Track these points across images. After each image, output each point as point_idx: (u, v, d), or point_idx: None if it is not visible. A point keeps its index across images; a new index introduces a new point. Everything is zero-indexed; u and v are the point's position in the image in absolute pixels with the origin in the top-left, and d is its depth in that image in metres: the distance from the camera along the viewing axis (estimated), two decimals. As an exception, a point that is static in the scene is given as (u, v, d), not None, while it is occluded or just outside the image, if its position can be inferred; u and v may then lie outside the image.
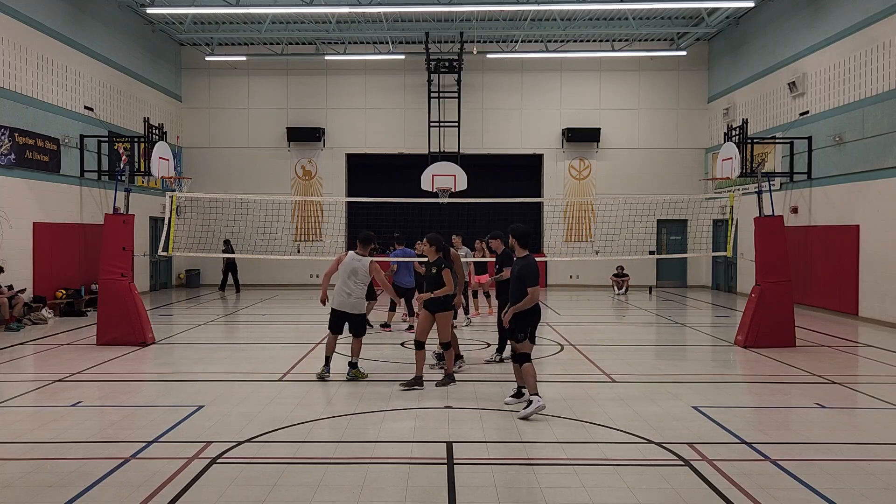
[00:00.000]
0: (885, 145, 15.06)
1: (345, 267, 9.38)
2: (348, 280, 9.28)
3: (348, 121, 25.06)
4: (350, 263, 9.34)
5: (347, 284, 9.28)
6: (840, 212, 16.74)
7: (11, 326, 13.96)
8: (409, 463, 5.93)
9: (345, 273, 9.33)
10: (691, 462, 6.06)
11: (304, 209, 24.79)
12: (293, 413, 7.61)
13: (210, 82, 25.11)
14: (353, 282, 9.27)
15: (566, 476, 5.74)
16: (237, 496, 5.30)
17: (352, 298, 9.30)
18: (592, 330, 14.72)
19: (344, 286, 9.30)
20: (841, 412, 7.99)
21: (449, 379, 9.01)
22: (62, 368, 10.15)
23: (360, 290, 9.31)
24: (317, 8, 20.04)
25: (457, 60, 23.89)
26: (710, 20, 21.63)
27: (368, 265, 9.31)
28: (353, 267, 9.29)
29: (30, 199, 15.89)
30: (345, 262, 9.43)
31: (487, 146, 24.93)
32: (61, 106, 17.35)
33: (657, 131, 25.03)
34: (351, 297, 9.30)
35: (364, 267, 9.30)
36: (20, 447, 6.42)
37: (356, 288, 9.29)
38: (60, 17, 17.40)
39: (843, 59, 16.78)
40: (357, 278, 9.27)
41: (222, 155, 25.00)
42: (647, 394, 8.66)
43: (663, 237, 24.79)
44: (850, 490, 5.47)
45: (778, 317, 12.07)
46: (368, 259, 9.39)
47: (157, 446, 6.47)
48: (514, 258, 8.68)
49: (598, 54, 24.42)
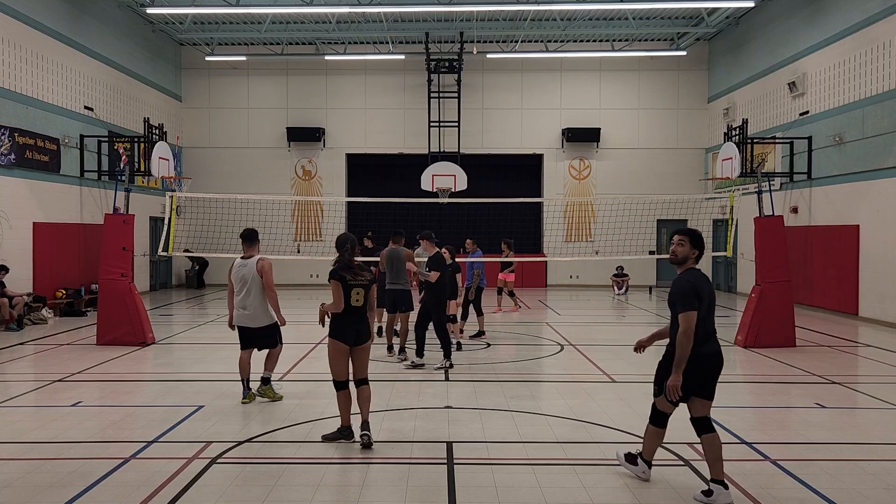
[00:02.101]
0: (885, 145, 15.06)
1: (234, 279, 8.03)
2: (242, 291, 7.96)
3: (348, 121, 25.06)
4: (237, 272, 8.02)
5: (242, 295, 7.96)
6: (840, 212, 16.74)
7: (11, 326, 13.96)
8: (409, 463, 5.93)
9: (237, 284, 8.01)
10: (691, 462, 6.06)
11: (304, 209, 24.78)
12: (293, 413, 7.61)
13: (210, 82, 25.10)
14: (245, 291, 7.93)
15: (566, 476, 5.74)
16: (237, 496, 5.30)
17: (248, 311, 7.96)
18: (592, 330, 14.72)
19: (240, 300, 7.98)
20: (841, 412, 7.99)
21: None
22: (62, 368, 10.15)
23: (256, 300, 7.95)
24: (317, 8, 20.04)
25: (457, 60, 23.89)
26: (710, 20, 21.62)
27: (256, 266, 7.97)
28: (241, 275, 7.97)
29: (30, 199, 15.89)
30: (233, 273, 8.06)
31: (487, 146, 24.93)
32: (61, 106, 17.35)
33: (657, 131, 25.03)
34: (247, 309, 7.96)
35: (251, 271, 7.95)
36: (20, 447, 6.42)
37: (252, 297, 7.93)
38: (60, 17, 17.40)
39: (843, 59, 16.78)
40: (249, 286, 7.92)
41: (222, 155, 24.99)
42: (647, 394, 8.61)
43: (663, 237, 24.77)
44: (850, 490, 5.47)
45: (778, 317, 12.07)
46: (255, 258, 8.05)
47: (157, 446, 6.47)
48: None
49: (597, 54, 24.42)
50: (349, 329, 6.54)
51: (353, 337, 6.56)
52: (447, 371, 9.89)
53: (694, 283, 5.25)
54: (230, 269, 8.11)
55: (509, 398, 8.34)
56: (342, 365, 6.56)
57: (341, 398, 6.60)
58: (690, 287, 5.25)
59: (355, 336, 6.57)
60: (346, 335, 6.53)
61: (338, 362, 6.55)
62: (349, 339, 6.55)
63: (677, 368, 5.17)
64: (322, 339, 12.99)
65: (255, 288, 7.95)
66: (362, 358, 6.67)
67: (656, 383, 5.51)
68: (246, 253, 8.11)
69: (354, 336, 6.57)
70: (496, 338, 13.05)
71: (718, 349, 5.33)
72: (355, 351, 6.60)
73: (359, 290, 6.54)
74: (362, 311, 6.62)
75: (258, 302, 7.98)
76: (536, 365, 10.79)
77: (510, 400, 8.26)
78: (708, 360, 5.25)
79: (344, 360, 6.57)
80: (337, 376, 6.56)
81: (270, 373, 8.22)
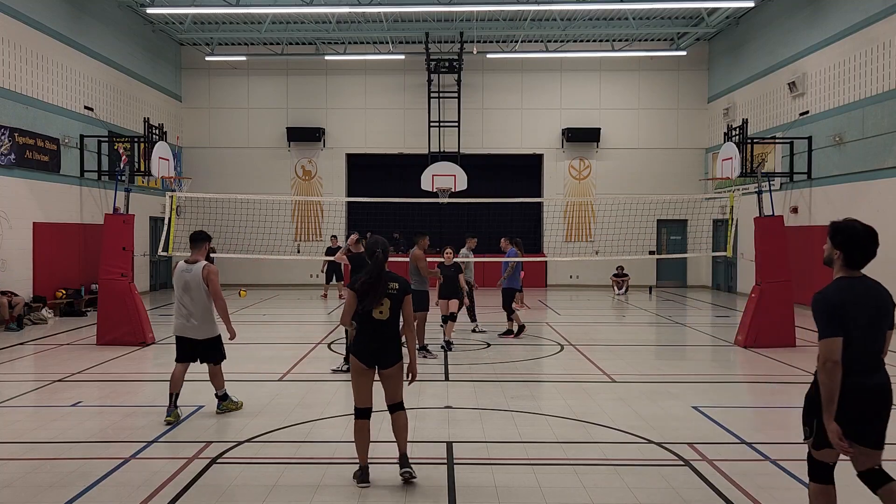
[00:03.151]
0: (885, 145, 15.05)
1: (176, 283, 7.38)
2: (183, 297, 7.30)
3: (348, 121, 25.06)
4: (180, 277, 7.34)
5: (184, 303, 7.30)
6: (840, 212, 16.68)
7: (11, 326, 13.96)
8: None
9: (179, 290, 7.35)
10: (691, 462, 6.06)
11: (304, 209, 24.79)
12: (293, 413, 7.61)
13: (210, 82, 25.11)
14: (189, 298, 7.28)
15: (566, 476, 5.74)
16: (237, 496, 5.30)
17: (193, 320, 7.30)
18: (592, 330, 14.72)
19: (180, 306, 7.34)
20: (841, 412, 7.97)
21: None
22: (62, 368, 10.15)
23: (201, 309, 7.29)
24: (317, 8, 20.04)
25: (457, 60, 23.89)
26: (710, 20, 21.62)
27: (202, 273, 7.27)
28: (184, 280, 7.29)
29: (30, 199, 15.89)
30: (174, 277, 7.45)
31: (487, 146, 24.93)
32: (61, 106, 17.35)
33: (657, 131, 25.03)
34: (192, 318, 7.29)
35: (195, 278, 7.27)
36: (20, 447, 6.42)
37: (196, 306, 7.27)
38: (60, 17, 17.40)
39: (843, 59, 16.78)
40: (193, 293, 7.27)
41: (222, 155, 24.99)
42: (647, 394, 8.66)
43: (663, 237, 24.79)
44: (850, 490, 5.46)
45: (778, 317, 12.07)
46: (202, 264, 7.33)
47: (157, 446, 6.47)
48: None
49: (598, 54, 24.42)
50: (369, 347, 5.53)
51: (374, 356, 5.53)
52: (447, 371, 9.89)
53: (834, 299, 3.99)
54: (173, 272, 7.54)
55: (509, 398, 8.34)
56: (362, 389, 5.56)
57: (356, 430, 5.58)
58: (827, 305, 3.97)
59: (377, 355, 5.53)
60: (366, 354, 5.53)
61: (357, 384, 5.58)
62: (369, 359, 5.53)
63: (827, 411, 3.86)
64: (322, 338, 13.01)
65: (200, 295, 7.26)
66: (391, 383, 5.62)
67: (805, 422, 4.11)
68: (191, 256, 7.42)
69: (375, 355, 5.53)
70: (496, 338, 13.04)
71: (884, 381, 3.96)
72: (382, 375, 5.60)
73: (382, 301, 5.51)
74: (388, 327, 5.54)
75: (203, 311, 7.29)
76: (536, 365, 10.79)
77: (510, 400, 8.26)
78: (866, 395, 3.93)
79: (364, 383, 5.56)
80: (356, 401, 5.61)
81: (223, 388, 7.58)
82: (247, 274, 23.97)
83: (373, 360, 5.54)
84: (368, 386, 5.58)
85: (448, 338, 11.59)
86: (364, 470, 5.55)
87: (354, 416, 5.59)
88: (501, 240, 13.89)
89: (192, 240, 7.53)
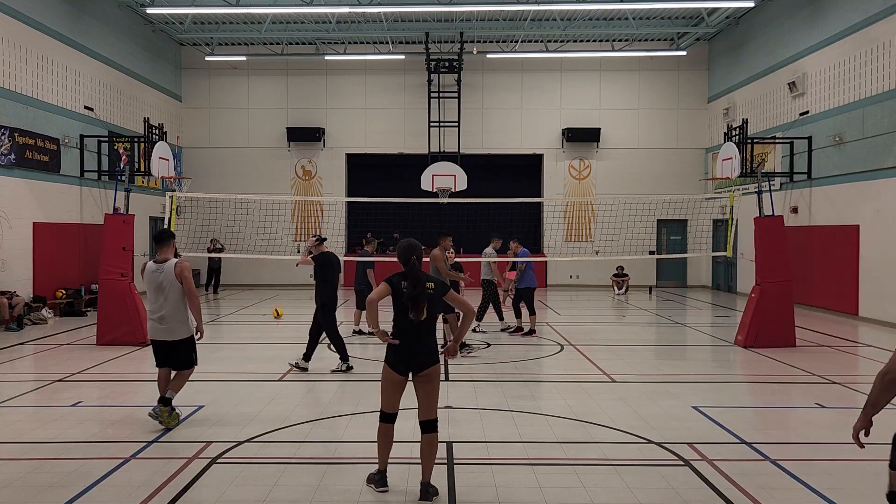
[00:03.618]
0: (885, 145, 15.06)
1: (147, 284, 7.09)
2: (156, 298, 7.04)
3: (348, 121, 25.06)
4: (151, 277, 7.05)
5: (157, 304, 7.03)
6: (840, 212, 16.74)
7: (11, 326, 13.96)
8: (409, 463, 5.93)
9: (151, 291, 7.08)
10: (691, 462, 6.06)
11: (304, 209, 24.79)
12: (293, 413, 7.61)
13: (210, 82, 25.11)
14: (163, 299, 7.01)
15: (566, 476, 5.74)
16: (237, 496, 5.30)
17: (165, 323, 7.02)
18: (592, 330, 14.72)
19: (154, 309, 7.06)
20: (841, 412, 7.98)
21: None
22: (62, 368, 10.15)
23: (174, 309, 7.02)
24: (317, 8, 20.04)
25: (457, 60, 23.89)
26: (710, 20, 21.62)
27: (175, 270, 7.02)
28: (156, 281, 7.02)
29: (30, 199, 15.89)
30: (145, 278, 7.13)
31: (487, 146, 24.93)
32: (61, 106, 17.35)
33: (657, 131, 25.03)
34: (163, 321, 7.02)
35: (168, 276, 7.00)
36: (20, 447, 6.42)
37: (169, 306, 7.00)
38: (60, 17, 17.40)
39: (843, 59, 16.78)
40: (166, 292, 7.00)
41: (222, 155, 25.00)
42: (647, 394, 8.66)
43: (663, 237, 24.79)
44: (850, 490, 5.47)
45: (778, 317, 12.07)
46: (172, 261, 7.09)
47: (157, 446, 6.47)
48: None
49: (598, 54, 24.42)
50: (404, 353, 5.23)
51: (408, 363, 5.24)
52: (447, 371, 9.89)
53: None
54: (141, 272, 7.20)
55: (509, 398, 8.34)
56: (391, 397, 5.33)
57: (380, 433, 5.40)
58: None
59: (411, 361, 5.23)
60: (399, 361, 5.24)
61: (386, 392, 5.34)
62: (403, 367, 5.24)
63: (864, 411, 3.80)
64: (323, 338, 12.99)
65: (174, 295, 7.01)
66: (427, 390, 5.26)
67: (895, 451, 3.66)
68: (159, 255, 7.13)
69: (409, 361, 5.23)
70: (496, 338, 13.05)
71: None
72: (417, 380, 5.27)
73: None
74: (424, 329, 5.25)
75: (177, 311, 7.03)
76: (536, 365, 10.79)
77: (510, 400, 8.26)
78: None
79: (394, 392, 5.32)
80: (383, 405, 5.39)
81: (174, 394, 7.15)
82: (247, 274, 23.97)
83: (406, 368, 5.24)
84: (398, 395, 5.34)
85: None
86: (382, 474, 5.41)
87: (380, 418, 5.42)
88: (511, 242, 13.81)
89: (159, 239, 7.22)
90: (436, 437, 5.28)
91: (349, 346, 10.65)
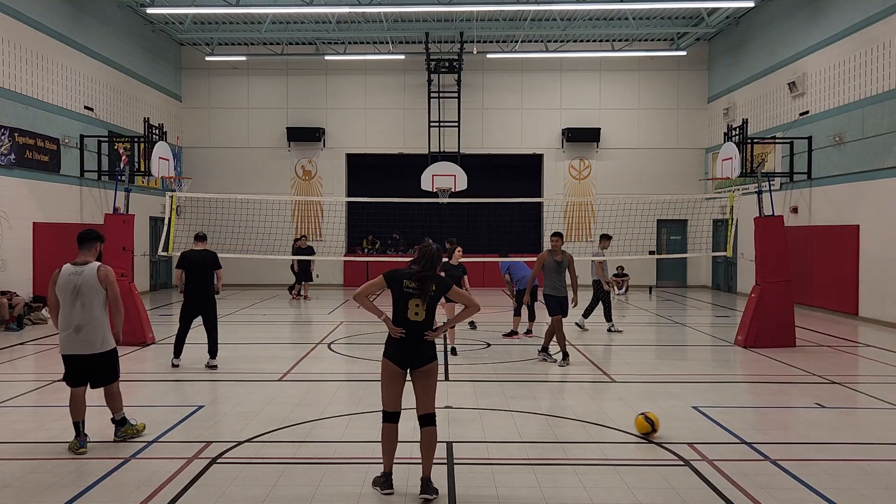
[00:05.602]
0: (885, 145, 15.06)
1: (63, 289, 6.31)
2: (73, 305, 6.27)
3: (348, 121, 25.06)
4: (68, 281, 6.29)
5: (73, 312, 6.26)
6: (840, 212, 16.74)
7: (11, 326, 13.96)
8: (409, 463, 5.93)
9: (66, 296, 6.29)
10: (691, 462, 6.06)
11: (304, 209, 24.78)
12: (293, 413, 7.61)
13: (210, 82, 25.11)
14: (80, 305, 6.26)
15: (566, 476, 5.74)
16: (237, 496, 5.30)
17: (83, 333, 6.28)
18: (592, 330, 14.71)
19: (69, 318, 6.28)
20: (841, 412, 7.98)
21: None
22: (62, 368, 10.08)
23: (93, 318, 6.31)
24: (317, 8, 20.04)
25: (457, 60, 23.89)
26: (710, 20, 21.63)
27: (98, 275, 6.34)
28: (72, 285, 6.27)
29: (30, 199, 15.89)
30: (59, 282, 6.34)
31: (487, 146, 24.93)
32: (61, 106, 17.35)
33: (657, 131, 25.03)
34: (81, 331, 6.27)
35: (88, 281, 6.29)
36: (20, 447, 6.42)
37: (88, 314, 6.28)
38: (60, 17, 17.40)
39: (843, 59, 16.78)
40: (85, 299, 6.27)
41: (222, 155, 25.00)
42: (647, 394, 8.66)
43: (663, 237, 24.78)
44: (850, 490, 5.47)
45: (778, 317, 12.07)
46: (95, 265, 6.39)
47: (157, 446, 6.47)
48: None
49: (598, 54, 24.42)
50: (403, 349, 5.33)
51: (409, 358, 5.33)
52: (447, 371, 9.89)
53: None
54: (53, 277, 6.40)
55: (509, 398, 8.34)
56: (392, 393, 5.38)
57: (384, 434, 5.43)
58: None
59: (411, 357, 5.32)
60: (399, 356, 5.34)
61: (387, 387, 5.40)
62: (403, 361, 5.34)
63: None
64: (322, 338, 13.01)
65: (95, 302, 6.31)
66: (425, 385, 5.37)
67: None
68: (80, 258, 6.42)
69: (410, 357, 5.33)
70: (496, 338, 13.05)
71: None
72: (415, 375, 5.37)
73: (418, 301, 5.30)
74: (423, 329, 5.34)
75: (96, 320, 6.32)
76: (536, 365, 10.78)
77: (510, 400, 8.26)
78: None
79: (395, 387, 5.38)
80: (385, 404, 5.43)
81: (121, 411, 6.59)
82: (247, 274, 23.97)
83: (406, 362, 5.34)
84: (399, 390, 5.39)
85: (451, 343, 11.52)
86: (388, 476, 5.38)
87: (382, 419, 5.44)
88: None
89: (83, 239, 6.49)
90: (434, 431, 5.38)
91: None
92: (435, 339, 5.46)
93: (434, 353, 5.41)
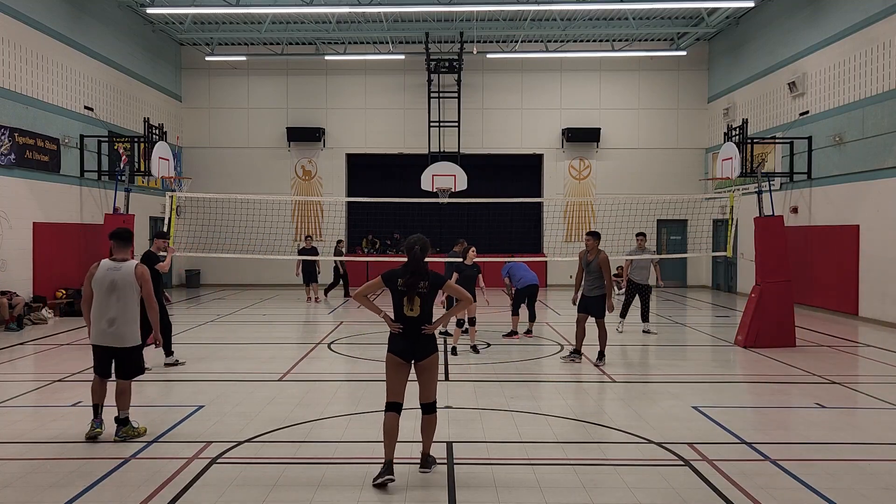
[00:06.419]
0: (885, 145, 15.06)
1: (99, 283, 6.60)
2: (109, 299, 6.55)
3: (348, 121, 25.06)
4: (104, 276, 6.60)
5: (108, 305, 6.55)
6: (840, 212, 16.74)
7: (11, 326, 13.96)
8: (409, 463, 5.93)
9: (102, 291, 6.58)
10: (691, 462, 6.06)
11: (304, 209, 24.79)
12: (293, 413, 7.61)
13: (210, 82, 25.11)
14: (115, 300, 6.56)
15: (566, 476, 5.74)
16: (237, 496, 5.30)
17: (115, 326, 6.56)
18: (592, 330, 14.70)
19: (103, 311, 6.55)
20: (841, 412, 7.98)
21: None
22: (62, 368, 10.14)
23: (127, 313, 6.61)
24: (317, 8, 20.04)
25: (457, 60, 23.89)
26: (710, 20, 21.63)
27: (136, 272, 6.65)
28: (110, 280, 6.57)
29: (30, 199, 15.89)
30: (97, 275, 6.63)
31: (487, 146, 24.93)
32: (61, 106, 17.35)
33: (657, 131, 25.03)
34: (114, 325, 6.56)
35: (127, 276, 6.61)
36: (20, 447, 6.42)
37: (123, 308, 6.57)
38: (60, 17, 17.40)
39: (843, 59, 16.78)
40: (120, 293, 6.57)
41: (222, 155, 25.00)
42: (647, 394, 8.67)
43: (663, 237, 24.78)
44: (850, 490, 5.47)
45: (778, 317, 12.07)
46: (132, 262, 6.73)
47: (157, 446, 6.47)
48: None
49: (598, 54, 24.42)
50: (404, 343, 5.66)
51: (410, 351, 5.65)
52: (447, 371, 9.89)
53: None
54: (91, 271, 6.66)
55: (509, 398, 8.34)
56: (395, 384, 5.65)
57: (385, 423, 5.61)
58: None
59: (412, 350, 5.65)
60: (400, 348, 5.66)
61: (390, 378, 5.68)
62: (405, 353, 5.66)
63: None
64: (322, 338, 13.00)
65: (129, 298, 6.60)
66: (426, 377, 5.70)
67: None
68: (118, 255, 6.72)
69: (411, 350, 5.65)
70: (496, 338, 13.05)
71: None
72: (418, 368, 5.70)
73: (413, 298, 5.61)
74: (420, 324, 5.66)
75: (130, 316, 6.62)
76: (536, 365, 10.79)
77: (510, 400, 8.26)
78: None
79: (397, 378, 5.66)
80: (388, 395, 5.68)
81: (127, 410, 6.75)
82: (247, 274, 23.97)
83: (408, 355, 5.66)
84: (402, 381, 5.68)
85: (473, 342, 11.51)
86: (389, 464, 5.50)
87: (385, 409, 5.67)
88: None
89: (119, 237, 6.76)
90: (435, 418, 5.81)
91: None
92: (433, 331, 5.73)
93: (434, 346, 5.72)
